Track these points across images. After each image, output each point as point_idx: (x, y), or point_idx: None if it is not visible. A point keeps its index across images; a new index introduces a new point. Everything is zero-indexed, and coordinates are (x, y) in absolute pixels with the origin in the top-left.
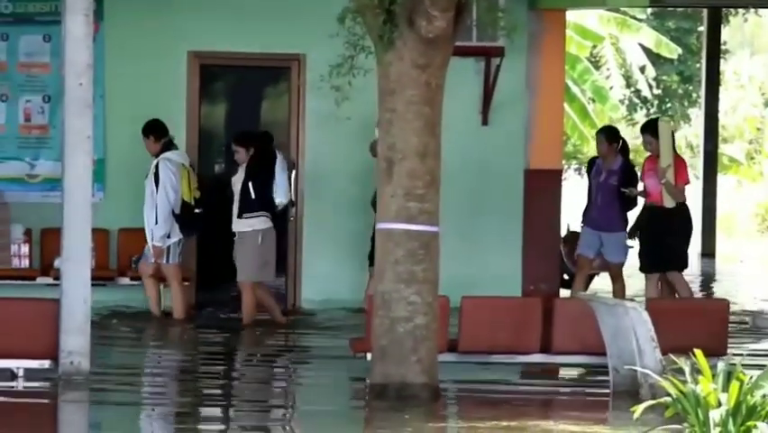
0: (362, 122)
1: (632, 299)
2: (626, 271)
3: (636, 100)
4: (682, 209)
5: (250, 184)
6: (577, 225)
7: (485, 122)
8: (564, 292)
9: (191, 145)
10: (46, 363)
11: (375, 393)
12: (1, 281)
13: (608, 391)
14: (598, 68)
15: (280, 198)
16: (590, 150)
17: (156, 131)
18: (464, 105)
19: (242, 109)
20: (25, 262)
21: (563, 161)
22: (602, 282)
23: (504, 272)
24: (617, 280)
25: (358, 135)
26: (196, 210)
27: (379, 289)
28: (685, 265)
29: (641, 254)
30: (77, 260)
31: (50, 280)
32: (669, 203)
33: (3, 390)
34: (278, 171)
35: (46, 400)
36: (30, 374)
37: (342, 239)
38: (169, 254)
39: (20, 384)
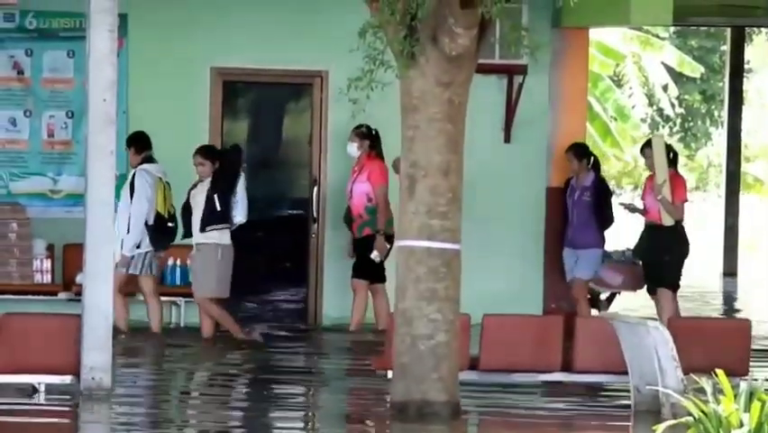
0: (385, 137)
1: (653, 319)
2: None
3: (659, 119)
4: (679, 228)
5: (215, 197)
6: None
7: (507, 139)
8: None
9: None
10: (67, 379)
11: (396, 411)
12: (23, 297)
13: (629, 410)
14: (620, 86)
15: (240, 216)
16: (611, 168)
17: (138, 143)
18: (487, 122)
19: (265, 125)
20: (47, 278)
21: None
22: (623, 302)
23: (525, 290)
24: (580, 299)
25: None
26: (170, 224)
27: (401, 306)
28: (677, 285)
29: (644, 274)
30: (99, 275)
31: (71, 296)
32: (667, 221)
33: (24, 405)
34: (240, 190)
35: (67, 417)
36: (51, 390)
37: None
38: (142, 266)
39: (41, 400)
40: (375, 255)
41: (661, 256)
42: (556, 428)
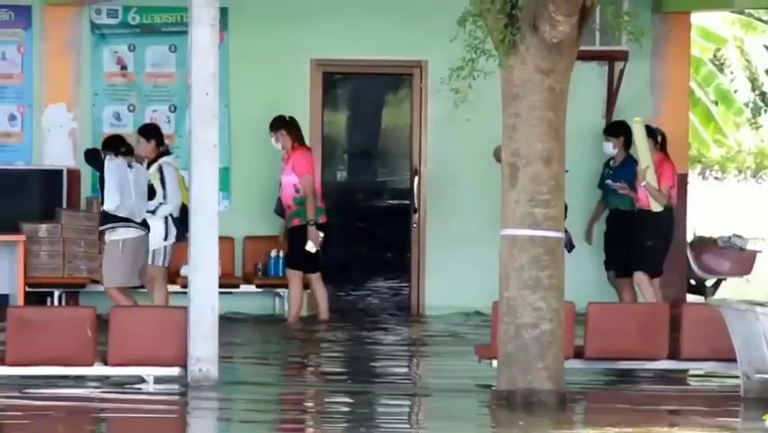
0: (485, 126)
1: (763, 304)
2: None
3: (761, 103)
4: (668, 214)
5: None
6: (701, 230)
7: None
8: (692, 297)
9: (314, 153)
10: (175, 371)
11: (501, 400)
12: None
13: (738, 397)
14: (722, 70)
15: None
16: (712, 153)
17: (154, 135)
18: (588, 109)
19: (364, 116)
20: None
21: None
22: None
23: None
24: None
25: (480, 140)
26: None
27: (505, 295)
28: (657, 271)
29: (619, 258)
30: (204, 268)
31: (177, 288)
32: (655, 207)
33: (133, 396)
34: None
35: (175, 407)
36: (159, 381)
37: (465, 244)
38: (164, 258)
39: (150, 390)
40: (310, 246)
41: (643, 240)
42: (664, 416)
